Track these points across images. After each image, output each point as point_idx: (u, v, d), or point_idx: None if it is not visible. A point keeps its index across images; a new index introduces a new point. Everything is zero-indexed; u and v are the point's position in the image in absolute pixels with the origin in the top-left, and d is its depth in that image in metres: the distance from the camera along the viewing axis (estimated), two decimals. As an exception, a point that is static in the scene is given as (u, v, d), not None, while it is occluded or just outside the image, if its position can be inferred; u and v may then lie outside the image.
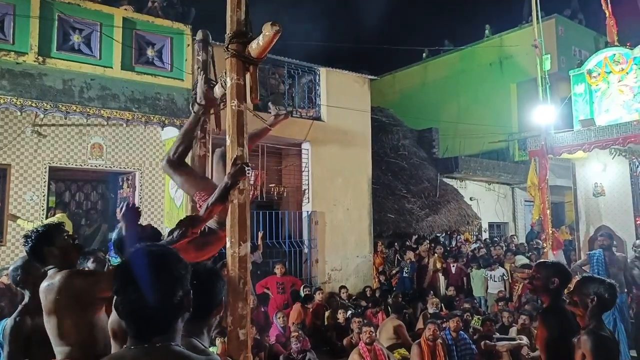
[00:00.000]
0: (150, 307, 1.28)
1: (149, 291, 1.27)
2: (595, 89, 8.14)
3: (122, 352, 1.31)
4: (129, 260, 1.34)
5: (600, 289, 2.66)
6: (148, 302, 1.27)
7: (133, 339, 1.31)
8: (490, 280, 8.97)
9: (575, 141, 7.76)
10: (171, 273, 1.31)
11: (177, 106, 7.43)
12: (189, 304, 1.36)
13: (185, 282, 1.34)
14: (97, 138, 8.06)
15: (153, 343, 1.28)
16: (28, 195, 7.36)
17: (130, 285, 1.28)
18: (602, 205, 8.15)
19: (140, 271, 1.29)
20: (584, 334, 2.59)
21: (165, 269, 1.32)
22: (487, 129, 14.54)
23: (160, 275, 1.30)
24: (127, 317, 1.30)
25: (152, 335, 1.30)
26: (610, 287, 2.69)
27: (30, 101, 6.22)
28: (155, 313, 1.29)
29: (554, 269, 2.98)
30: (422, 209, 11.93)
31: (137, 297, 1.27)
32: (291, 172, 10.05)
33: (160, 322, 1.30)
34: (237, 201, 2.93)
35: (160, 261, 1.33)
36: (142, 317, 1.29)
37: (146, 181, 8.56)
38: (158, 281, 1.29)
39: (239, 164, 2.85)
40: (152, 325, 1.30)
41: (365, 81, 10.77)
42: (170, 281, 1.31)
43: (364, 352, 5.84)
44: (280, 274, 8.25)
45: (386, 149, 12.91)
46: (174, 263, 1.34)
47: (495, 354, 6.27)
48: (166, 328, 1.31)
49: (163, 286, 1.29)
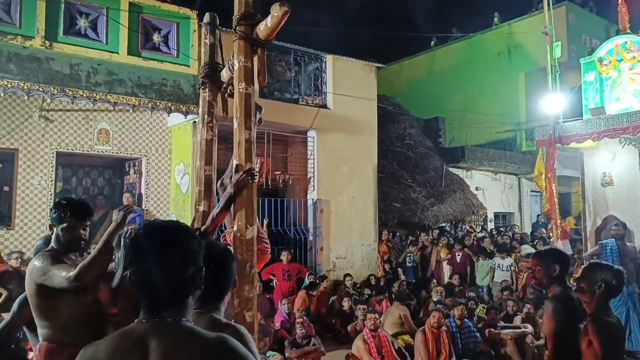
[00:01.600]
0: (162, 279, 1.28)
1: (161, 263, 1.28)
2: (606, 77, 8.03)
3: (133, 326, 1.32)
4: (143, 232, 1.34)
5: (608, 275, 2.65)
6: (160, 273, 1.27)
7: (145, 312, 1.32)
8: (498, 269, 8.97)
9: (584, 130, 7.68)
10: (183, 247, 1.32)
11: (184, 92, 7.42)
12: (200, 281, 1.36)
13: (197, 259, 1.35)
14: (103, 124, 8.07)
15: (164, 318, 1.29)
16: (36, 179, 7.40)
17: (142, 256, 1.29)
18: (610, 195, 8.08)
19: (153, 243, 1.30)
20: (590, 320, 2.59)
21: (178, 242, 1.32)
22: (495, 118, 14.44)
23: (172, 248, 1.31)
24: (139, 289, 1.31)
25: (163, 308, 1.30)
26: (618, 274, 2.68)
27: (38, 85, 6.22)
28: (166, 285, 1.29)
29: (551, 257, 2.98)
30: (428, 198, 11.91)
31: (149, 268, 1.28)
32: (297, 160, 10.03)
33: (171, 296, 1.31)
34: (244, 184, 2.92)
35: (174, 234, 1.34)
36: (153, 289, 1.29)
37: (152, 167, 8.58)
38: (170, 254, 1.30)
39: (242, 173, 2.83)
40: (163, 299, 1.30)
41: (372, 69, 10.69)
42: (182, 255, 1.31)
43: (368, 338, 5.88)
44: (287, 261, 8.28)
45: (392, 138, 12.86)
46: (187, 238, 1.34)
47: (499, 341, 6.29)
48: (177, 303, 1.32)
49: (175, 259, 1.30)
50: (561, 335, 2.80)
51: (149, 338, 1.25)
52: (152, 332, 1.26)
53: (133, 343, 1.25)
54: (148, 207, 8.43)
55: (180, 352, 1.23)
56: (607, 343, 2.47)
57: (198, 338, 1.27)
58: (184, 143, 8.41)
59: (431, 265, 9.89)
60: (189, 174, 8.14)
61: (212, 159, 3.71)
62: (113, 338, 1.31)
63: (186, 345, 1.24)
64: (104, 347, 1.28)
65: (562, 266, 2.93)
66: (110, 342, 1.30)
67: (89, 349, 1.32)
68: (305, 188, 9.86)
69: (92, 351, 1.30)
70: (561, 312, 2.81)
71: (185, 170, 8.32)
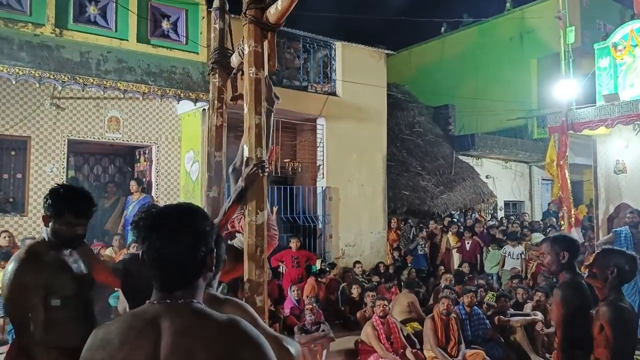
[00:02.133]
0: (174, 258, 1.29)
1: (173, 241, 1.29)
2: (620, 63, 7.88)
3: (145, 307, 1.33)
4: (156, 212, 1.36)
5: (620, 260, 2.63)
6: (172, 252, 1.28)
7: (157, 292, 1.32)
8: (508, 257, 8.94)
9: (597, 117, 7.56)
10: (196, 227, 1.33)
11: (193, 80, 7.41)
12: (211, 263, 1.37)
13: (209, 240, 1.36)
14: (114, 111, 8.11)
15: (175, 299, 1.30)
16: (48, 167, 7.47)
17: (155, 233, 1.30)
18: (623, 183, 7.98)
19: (167, 221, 1.31)
20: (602, 305, 2.58)
21: (191, 222, 1.33)
22: (506, 105, 14.28)
23: (185, 228, 1.31)
24: (150, 266, 1.31)
25: (174, 288, 1.31)
26: (631, 259, 2.66)
27: (49, 73, 6.25)
28: (178, 265, 1.30)
29: (559, 244, 2.92)
30: (437, 186, 11.86)
31: (160, 244, 1.28)
32: (306, 148, 10.02)
33: (183, 276, 1.32)
34: (255, 170, 2.92)
35: (187, 214, 1.35)
36: (165, 268, 1.30)
37: (162, 155, 8.62)
38: (183, 233, 1.30)
39: (253, 166, 2.82)
40: (174, 278, 1.31)
41: (381, 56, 10.60)
42: (195, 235, 1.32)
43: (377, 325, 5.91)
44: (296, 248, 8.32)
45: (401, 126, 12.79)
46: (200, 219, 1.35)
47: (509, 329, 6.29)
48: (188, 282, 1.33)
49: (187, 238, 1.30)
50: (571, 322, 2.77)
51: (161, 319, 1.26)
52: (164, 313, 1.27)
53: (146, 324, 1.26)
54: (158, 194, 8.50)
55: (192, 334, 1.23)
56: (620, 328, 2.46)
57: (210, 320, 1.27)
58: (193, 131, 8.43)
59: (441, 253, 9.88)
60: (198, 161, 8.17)
61: (222, 145, 3.72)
62: (125, 319, 1.32)
63: (198, 327, 1.25)
64: (116, 327, 1.29)
65: (571, 253, 2.88)
66: (123, 322, 1.30)
67: (100, 329, 1.33)
68: (314, 176, 9.86)
69: (104, 332, 1.30)
70: (570, 298, 2.78)
71: (195, 158, 8.36)
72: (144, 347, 1.23)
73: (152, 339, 1.23)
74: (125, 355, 1.23)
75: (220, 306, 1.87)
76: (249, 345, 1.24)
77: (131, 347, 1.23)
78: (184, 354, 1.21)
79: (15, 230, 7.15)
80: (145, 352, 1.22)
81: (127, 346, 1.24)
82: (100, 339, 1.29)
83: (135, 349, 1.23)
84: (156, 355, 1.22)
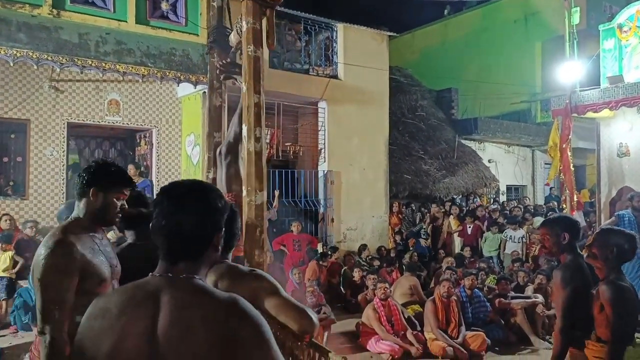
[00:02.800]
0: (183, 228, 1.30)
1: (182, 209, 1.31)
2: (626, 45, 7.75)
3: (147, 279, 1.32)
4: (172, 184, 1.40)
5: (620, 240, 2.61)
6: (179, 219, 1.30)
7: (161, 264, 1.32)
8: (510, 241, 8.94)
9: (601, 99, 7.47)
10: (208, 201, 1.35)
11: (193, 62, 7.33)
12: (218, 242, 1.37)
13: (219, 218, 1.37)
14: (113, 94, 8.06)
15: (177, 273, 1.29)
16: (48, 150, 7.46)
17: (166, 200, 1.32)
18: (626, 166, 7.91)
19: (181, 192, 1.34)
20: (602, 285, 2.57)
21: (203, 195, 1.36)
22: (509, 89, 14.14)
23: (197, 199, 1.34)
24: (157, 233, 1.32)
25: (178, 259, 1.31)
26: (630, 238, 2.65)
27: (47, 55, 6.18)
28: (186, 235, 1.31)
29: (560, 225, 2.89)
30: (439, 170, 11.82)
31: (169, 211, 1.30)
32: (307, 131, 9.98)
33: (187, 246, 1.32)
34: (254, 149, 2.90)
35: (201, 188, 1.38)
36: (173, 237, 1.31)
37: (163, 138, 8.59)
38: (196, 204, 1.32)
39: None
40: (178, 247, 1.31)
41: (383, 38, 10.47)
42: (207, 208, 1.34)
43: (378, 307, 5.93)
44: (297, 231, 8.33)
45: (404, 110, 12.70)
46: (214, 195, 1.38)
47: (509, 311, 6.30)
48: (192, 255, 1.33)
49: (199, 210, 1.32)
50: (571, 303, 2.75)
51: (162, 292, 1.25)
52: (165, 286, 1.26)
53: (146, 295, 1.26)
54: (159, 178, 8.48)
55: (191, 309, 1.22)
56: (620, 307, 2.45)
57: (209, 296, 1.26)
58: (194, 114, 8.38)
59: (442, 237, 9.88)
60: (199, 145, 8.14)
61: (221, 126, 3.69)
62: (126, 289, 1.32)
63: (198, 303, 1.24)
64: (117, 297, 1.29)
65: (571, 233, 2.86)
66: (123, 292, 1.30)
67: (100, 300, 1.33)
68: (315, 160, 9.83)
69: (104, 301, 1.30)
70: (570, 279, 2.76)
71: (195, 142, 8.32)
72: (142, 318, 1.22)
73: (150, 311, 1.23)
74: (123, 324, 1.22)
75: (243, 278, 1.89)
76: (248, 323, 1.23)
77: (130, 318, 1.23)
78: (183, 328, 1.20)
79: (17, 214, 7.16)
80: (143, 323, 1.22)
81: (125, 316, 1.23)
82: (100, 308, 1.29)
83: (133, 319, 1.23)
84: (154, 327, 1.21)
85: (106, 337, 1.22)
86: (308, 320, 1.83)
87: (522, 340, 6.09)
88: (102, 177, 2.18)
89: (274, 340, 1.26)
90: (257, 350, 1.21)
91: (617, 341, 2.43)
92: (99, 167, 2.21)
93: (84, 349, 1.26)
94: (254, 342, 1.21)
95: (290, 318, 1.85)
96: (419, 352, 5.59)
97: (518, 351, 5.81)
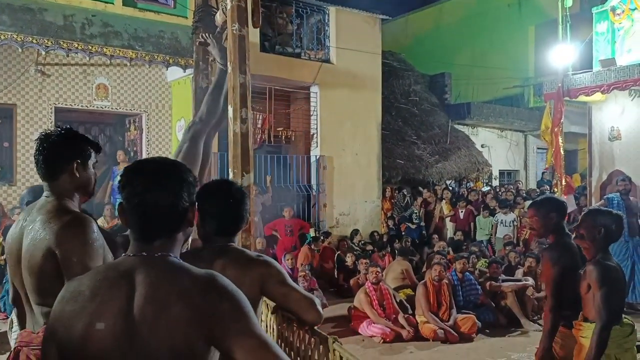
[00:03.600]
0: (155, 206, 1.26)
1: (156, 185, 1.26)
2: (619, 28, 7.70)
3: (120, 260, 1.29)
4: (139, 161, 1.37)
5: (607, 220, 2.61)
6: (154, 196, 1.25)
7: (134, 244, 1.29)
8: (501, 225, 8.97)
9: (594, 82, 7.44)
10: (180, 175, 1.31)
11: (181, 45, 7.23)
12: (192, 217, 1.33)
13: (192, 191, 1.33)
14: (101, 78, 7.94)
15: (152, 252, 1.26)
16: (36, 135, 7.34)
17: (137, 178, 1.27)
18: (617, 150, 7.93)
19: (150, 168, 1.30)
20: (589, 265, 2.57)
21: (174, 169, 1.32)
22: (502, 73, 14.08)
23: (168, 174, 1.30)
24: (130, 213, 1.27)
25: (153, 237, 1.27)
26: (617, 218, 2.64)
27: (32, 37, 6.07)
28: (159, 212, 1.27)
29: (547, 206, 2.91)
30: (432, 155, 11.81)
31: (143, 189, 1.25)
32: (299, 116, 9.90)
33: (163, 224, 1.28)
34: (240, 131, 2.85)
35: (170, 163, 1.35)
36: (145, 214, 1.26)
37: (153, 123, 8.50)
38: (166, 180, 1.28)
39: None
40: (154, 226, 1.27)
41: (376, 21, 10.36)
42: (178, 182, 1.29)
43: (370, 291, 5.94)
44: (289, 216, 8.31)
45: (396, 95, 12.63)
46: (183, 170, 1.34)
47: (500, 294, 6.34)
48: (168, 233, 1.29)
49: (170, 186, 1.28)
50: (559, 282, 2.79)
51: (136, 272, 1.22)
52: (140, 265, 1.23)
53: (119, 276, 1.22)
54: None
55: (167, 286, 1.20)
56: (607, 287, 2.45)
57: (186, 273, 1.24)
58: (184, 98, 8.28)
59: (434, 222, 9.90)
60: (190, 130, 8.05)
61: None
62: (98, 271, 1.28)
63: (174, 279, 1.21)
64: (89, 279, 1.25)
65: (559, 214, 2.88)
66: (96, 274, 1.27)
67: (72, 282, 1.29)
68: (308, 144, 9.78)
69: (76, 284, 1.26)
70: (558, 258, 2.79)
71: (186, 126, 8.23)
72: (116, 298, 1.19)
73: (125, 291, 1.19)
74: (97, 306, 1.19)
75: (252, 263, 1.88)
76: (227, 299, 1.21)
77: (103, 299, 1.20)
78: (159, 305, 1.17)
79: (4, 200, 7.08)
80: (118, 303, 1.18)
81: (99, 297, 1.20)
82: (72, 291, 1.25)
83: (107, 300, 1.19)
84: (129, 307, 1.18)
85: (79, 319, 1.19)
86: (316, 312, 1.87)
87: (512, 322, 6.13)
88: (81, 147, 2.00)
89: (254, 314, 1.25)
90: (236, 324, 1.19)
91: (605, 321, 2.44)
92: (73, 137, 2.00)
93: (57, 333, 1.22)
94: (233, 316, 1.19)
95: (299, 308, 1.89)
96: (410, 335, 5.62)
97: (508, 333, 5.86)
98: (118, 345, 1.16)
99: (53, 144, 1.94)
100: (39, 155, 1.95)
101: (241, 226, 2.05)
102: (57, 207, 1.89)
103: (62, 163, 1.94)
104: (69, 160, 1.94)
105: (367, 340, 5.66)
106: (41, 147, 1.94)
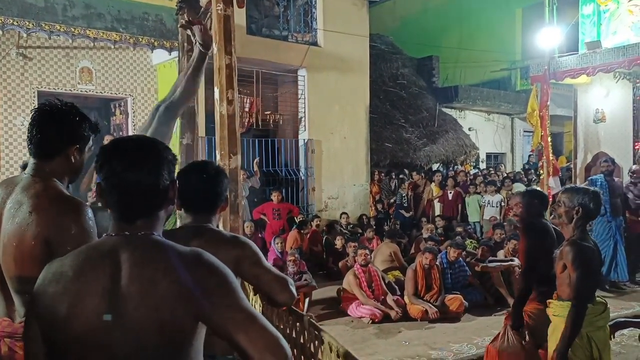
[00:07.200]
0: (135, 184, 1.24)
1: (135, 164, 1.24)
2: (604, 10, 7.75)
3: (102, 240, 1.28)
4: (117, 139, 1.33)
5: (585, 199, 2.60)
6: (134, 175, 1.23)
7: (115, 224, 1.27)
8: (488, 205, 9.07)
9: (579, 65, 7.50)
10: (159, 153, 1.28)
11: (167, 27, 7.10)
12: (173, 194, 1.32)
13: (172, 169, 1.31)
14: (85, 62, 7.78)
15: (135, 231, 1.25)
16: (19, 120, 7.22)
17: (116, 157, 1.24)
18: (602, 132, 8.04)
19: (128, 146, 1.27)
20: (566, 245, 2.58)
21: (153, 147, 1.29)
22: (490, 56, 14.10)
23: (148, 152, 1.27)
24: (110, 193, 1.25)
25: (135, 217, 1.26)
26: (594, 195, 2.62)
27: (12, 19, 5.91)
28: (140, 191, 1.25)
29: (529, 194, 3.38)
30: (420, 138, 11.86)
31: (122, 168, 1.23)
32: (287, 100, 9.84)
33: (145, 202, 1.26)
34: (227, 112, 2.84)
35: (148, 141, 1.33)
36: (126, 193, 1.24)
37: (139, 107, 8.38)
38: (145, 157, 1.26)
39: None
40: (135, 205, 1.26)
41: (364, 4, 10.28)
42: (157, 160, 1.27)
43: (359, 273, 6.00)
44: (277, 200, 8.31)
45: (384, 78, 12.62)
46: (162, 147, 1.31)
47: (488, 274, 6.44)
48: (149, 212, 1.28)
49: (150, 162, 1.26)
50: (533, 258, 3.06)
51: (120, 251, 1.21)
52: (123, 245, 1.22)
53: (103, 255, 1.21)
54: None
55: (153, 263, 1.19)
56: (582, 267, 2.46)
57: (171, 250, 1.23)
58: (170, 82, 8.10)
59: (422, 204, 9.97)
60: (176, 114, 7.96)
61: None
62: (81, 251, 1.26)
63: (159, 257, 1.21)
64: (71, 260, 1.23)
65: (540, 202, 3.31)
66: (78, 255, 1.24)
67: (53, 263, 1.26)
68: (296, 128, 9.74)
69: (58, 265, 1.24)
70: (531, 230, 3.15)
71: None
72: (100, 278, 1.18)
73: (109, 271, 1.18)
74: (80, 287, 1.18)
75: (226, 244, 1.88)
76: (214, 274, 1.21)
77: (86, 279, 1.18)
78: (145, 283, 1.17)
79: (-12, 186, 6.97)
80: (101, 283, 1.17)
81: (82, 278, 1.18)
82: (53, 272, 1.23)
83: (91, 280, 1.18)
84: (114, 287, 1.17)
85: (62, 301, 1.17)
86: (289, 294, 1.88)
87: (499, 302, 6.24)
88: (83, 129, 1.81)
89: (241, 289, 1.25)
90: (224, 299, 1.19)
91: (579, 300, 2.47)
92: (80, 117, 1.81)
93: (40, 315, 1.21)
94: (221, 291, 1.20)
95: (270, 289, 1.89)
96: (398, 316, 5.70)
97: (495, 312, 5.96)
98: (104, 324, 1.15)
99: (56, 120, 1.76)
100: (36, 128, 1.75)
101: (217, 204, 2.01)
102: (50, 190, 1.74)
103: (61, 144, 1.77)
104: (69, 142, 1.79)
105: (357, 321, 5.73)
106: (41, 120, 1.75)
